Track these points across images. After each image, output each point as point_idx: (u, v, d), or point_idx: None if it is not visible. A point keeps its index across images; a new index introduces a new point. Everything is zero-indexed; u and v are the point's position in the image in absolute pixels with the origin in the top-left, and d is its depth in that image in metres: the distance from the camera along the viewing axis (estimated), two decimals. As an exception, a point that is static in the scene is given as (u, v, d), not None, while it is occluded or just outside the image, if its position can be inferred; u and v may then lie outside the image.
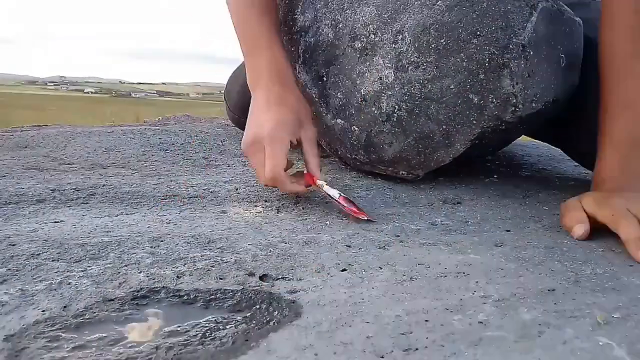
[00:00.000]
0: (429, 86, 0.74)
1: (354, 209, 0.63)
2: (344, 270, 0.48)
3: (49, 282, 0.43)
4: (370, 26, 0.78)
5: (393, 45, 0.76)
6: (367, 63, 0.79)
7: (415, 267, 0.49)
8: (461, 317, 0.39)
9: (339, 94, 0.83)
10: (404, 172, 0.81)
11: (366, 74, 0.80)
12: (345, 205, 0.64)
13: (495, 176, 0.92)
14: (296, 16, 0.87)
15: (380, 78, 0.78)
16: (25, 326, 0.36)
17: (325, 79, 0.85)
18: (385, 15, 0.77)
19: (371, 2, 0.79)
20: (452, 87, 0.73)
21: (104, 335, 0.36)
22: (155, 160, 0.91)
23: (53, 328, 0.36)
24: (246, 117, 1.11)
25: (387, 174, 0.83)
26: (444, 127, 0.75)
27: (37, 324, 0.37)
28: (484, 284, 0.45)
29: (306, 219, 0.63)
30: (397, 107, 0.77)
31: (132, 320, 0.38)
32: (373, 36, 0.78)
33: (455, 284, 0.45)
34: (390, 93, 0.77)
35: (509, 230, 0.62)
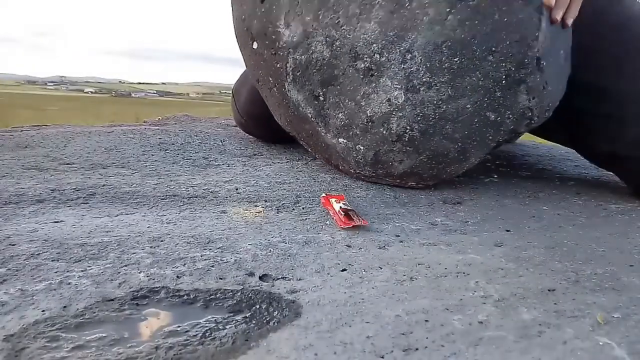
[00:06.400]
0: (444, 107, 0.71)
1: (341, 217, 0.61)
2: (343, 270, 0.48)
3: (49, 282, 0.43)
4: (374, 45, 0.72)
5: (402, 66, 0.71)
6: (373, 84, 0.74)
7: (415, 267, 0.49)
8: (461, 317, 0.39)
9: (340, 114, 0.78)
10: (413, 183, 0.79)
11: (372, 95, 0.74)
12: (337, 213, 0.62)
13: (495, 176, 0.92)
14: (279, 29, 0.78)
15: (389, 99, 0.73)
16: (25, 326, 0.36)
17: (322, 98, 0.79)
18: (391, 34, 0.71)
19: (372, 18, 0.72)
20: (468, 106, 0.70)
21: (104, 335, 0.36)
22: (155, 160, 0.91)
23: (53, 328, 0.36)
24: (254, 122, 1.10)
25: (394, 185, 0.81)
26: (459, 144, 0.73)
27: (37, 324, 0.37)
28: (484, 284, 0.45)
29: (306, 219, 0.63)
30: (408, 127, 0.73)
31: (132, 320, 0.38)
32: (378, 56, 0.72)
33: (455, 284, 0.45)
34: (400, 114, 0.73)
35: (509, 230, 0.62)
